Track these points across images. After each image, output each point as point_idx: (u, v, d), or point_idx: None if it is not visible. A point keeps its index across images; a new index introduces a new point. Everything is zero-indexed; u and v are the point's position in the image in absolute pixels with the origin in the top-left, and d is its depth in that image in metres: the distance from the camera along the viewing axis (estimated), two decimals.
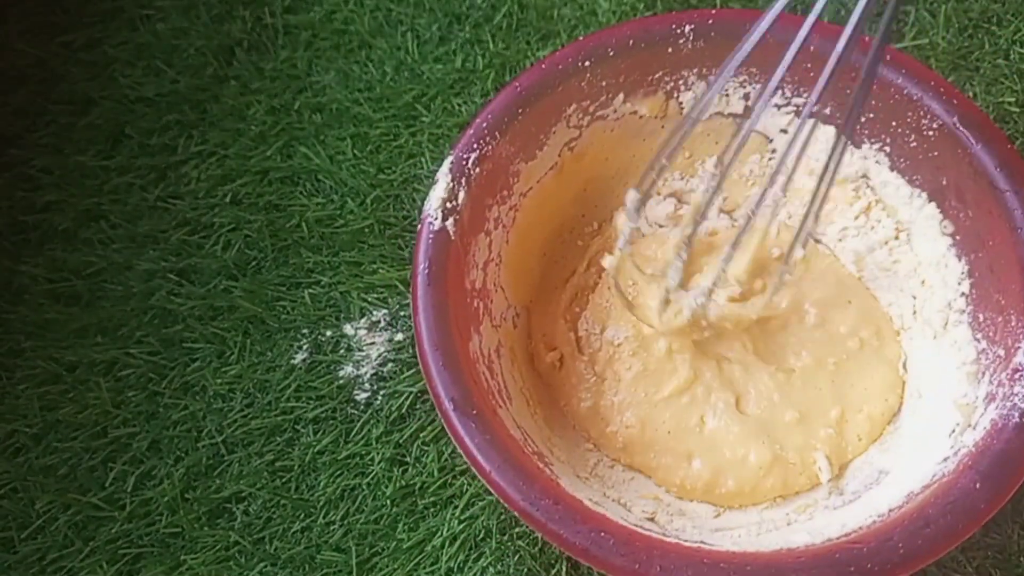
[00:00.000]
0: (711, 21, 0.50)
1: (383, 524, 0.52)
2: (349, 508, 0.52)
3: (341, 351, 0.56)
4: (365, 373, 0.55)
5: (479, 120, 0.49)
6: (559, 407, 0.52)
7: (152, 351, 0.56)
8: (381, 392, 0.55)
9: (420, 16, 0.66)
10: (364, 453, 0.53)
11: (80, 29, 0.66)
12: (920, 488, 0.42)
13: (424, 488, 0.52)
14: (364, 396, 0.55)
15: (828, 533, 0.42)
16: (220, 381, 0.55)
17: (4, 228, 0.60)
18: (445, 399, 0.42)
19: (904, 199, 0.51)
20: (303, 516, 0.52)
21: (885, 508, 0.42)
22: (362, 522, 0.52)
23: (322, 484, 0.53)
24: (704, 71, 0.52)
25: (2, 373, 0.56)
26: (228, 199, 0.61)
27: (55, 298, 0.58)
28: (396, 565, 0.50)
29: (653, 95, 0.53)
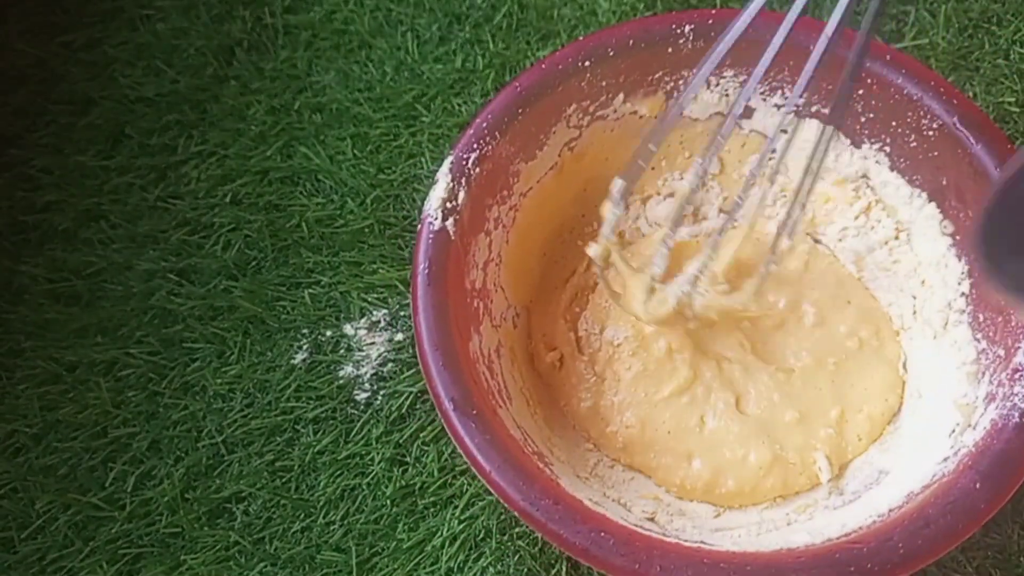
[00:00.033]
0: (711, 21, 0.50)
1: (383, 524, 0.52)
2: (349, 508, 0.52)
3: (341, 351, 0.56)
4: (365, 373, 0.55)
5: (479, 120, 0.49)
6: (559, 407, 0.52)
7: (152, 351, 0.56)
8: (381, 392, 0.55)
9: (420, 16, 0.66)
10: (364, 453, 0.53)
11: (80, 29, 0.66)
12: (920, 488, 0.42)
13: (424, 488, 0.52)
14: (364, 396, 0.55)
15: (828, 533, 0.42)
16: (220, 381, 0.55)
17: (4, 228, 0.60)
18: (445, 399, 0.42)
19: (904, 199, 0.51)
20: (303, 516, 0.52)
21: (885, 508, 0.42)
22: (362, 522, 0.52)
23: (322, 484, 0.53)
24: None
25: (2, 373, 0.56)
26: (228, 199, 0.61)
27: (55, 298, 0.58)
28: (396, 565, 0.50)
29: (653, 95, 0.53)
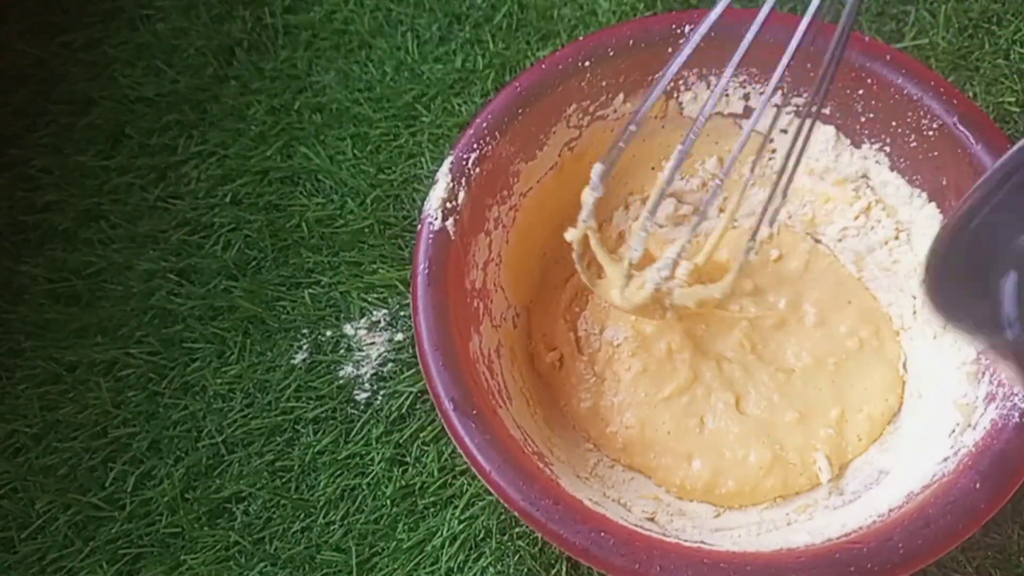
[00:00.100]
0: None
1: (383, 524, 0.52)
2: (349, 508, 0.52)
3: (341, 351, 0.56)
4: (365, 373, 0.55)
5: (479, 120, 0.49)
6: (559, 407, 0.52)
7: (152, 351, 0.56)
8: (381, 392, 0.55)
9: (420, 16, 0.66)
10: (364, 453, 0.53)
11: (80, 29, 0.66)
12: (920, 488, 0.42)
13: (424, 488, 0.52)
14: (364, 396, 0.55)
15: (828, 533, 0.42)
16: (220, 381, 0.55)
17: (4, 228, 0.60)
18: (445, 399, 0.42)
19: (904, 199, 0.51)
20: (303, 516, 0.52)
21: (885, 508, 0.42)
22: (362, 522, 0.52)
23: (322, 484, 0.53)
24: (704, 71, 0.52)
25: (2, 373, 0.56)
26: (228, 199, 0.61)
27: (55, 298, 0.58)
28: (396, 565, 0.50)
29: None
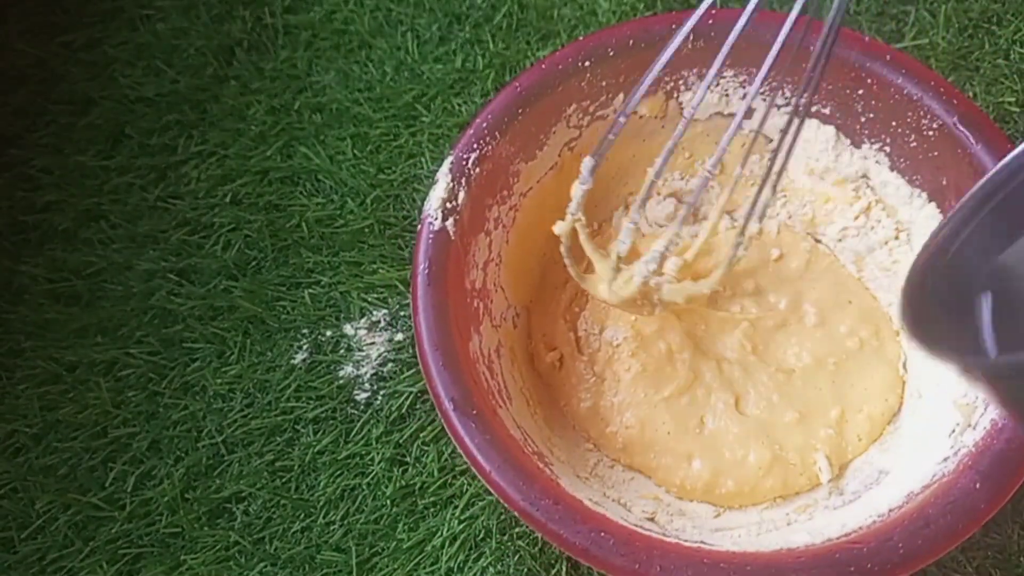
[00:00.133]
0: (711, 21, 0.50)
1: (383, 524, 0.52)
2: (349, 508, 0.52)
3: (341, 351, 0.56)
4: (365, 373, 0.55)
5: (479, 120, 0.49)
6: (559, 407, 0.52)
7: (152, 351, 0.56)
8: (381, 392, 0.55)
9: (420, 16, 0.66)
10: (364, 453, 0.53)
11: (80, 29, 0.66)
12: (920, 488, 0.42)
13: (424, 488, 0.52)
14: (364, 396, 0.55)
15: (828, 533, 0.42)
16: (220, 381, 0.55)
17: (4, 228, 0.60)
18: (445, 399, 0.42)
19: (904, 199, 0.51)
20: (303, 516, 0.52)
21: (885, 508, 0.42)
22: (362, 522, 0.52)
23: (322, 484, 0.53)
24: (704, 71, 0.52)
25: (2, 373, 0.56)
26: (228, 199, 0.61)
27: (55, 298, 0.58)
28: (396, 565, 0.50)
29: (653, 95, 0.53)
